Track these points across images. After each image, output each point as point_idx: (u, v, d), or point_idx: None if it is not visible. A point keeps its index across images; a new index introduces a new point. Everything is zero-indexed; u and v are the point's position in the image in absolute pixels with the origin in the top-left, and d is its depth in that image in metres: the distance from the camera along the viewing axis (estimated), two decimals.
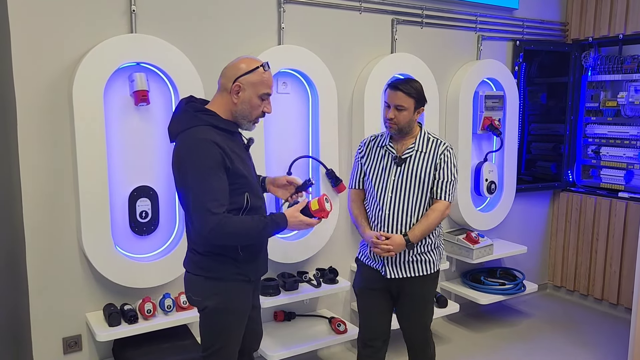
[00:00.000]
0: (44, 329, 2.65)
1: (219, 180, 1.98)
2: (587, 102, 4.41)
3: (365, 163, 2.60)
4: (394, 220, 2.49)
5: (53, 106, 2.55)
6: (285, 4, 3.09)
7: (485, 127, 3.88)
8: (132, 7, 2.65)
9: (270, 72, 2.11)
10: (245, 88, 2.04)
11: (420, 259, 2.53)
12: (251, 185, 2.12)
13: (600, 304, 4.36)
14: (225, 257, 2.11)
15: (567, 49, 4.39)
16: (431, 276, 2.57)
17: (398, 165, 2.49)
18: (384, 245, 2.43)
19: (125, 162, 2.71)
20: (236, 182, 2.04)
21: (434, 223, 2.47)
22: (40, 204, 2.57)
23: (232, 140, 2.09)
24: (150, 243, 2.82)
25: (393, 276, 2.52)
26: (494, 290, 3.89)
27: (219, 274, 2.13)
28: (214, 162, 1.96)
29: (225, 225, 1.95)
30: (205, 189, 1.95)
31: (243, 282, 2.17)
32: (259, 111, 2.10)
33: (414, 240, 2.45)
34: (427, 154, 2.49)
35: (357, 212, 2.64)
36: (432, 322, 2.68)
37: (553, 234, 4.66)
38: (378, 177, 2.54)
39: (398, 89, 2.43)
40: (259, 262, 2.24)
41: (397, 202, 2.48)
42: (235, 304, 2.17)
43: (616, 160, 4.22)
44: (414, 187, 2.47)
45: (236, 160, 2.04)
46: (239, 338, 2.23)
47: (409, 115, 2.44)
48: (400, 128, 2.46)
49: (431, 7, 3.68)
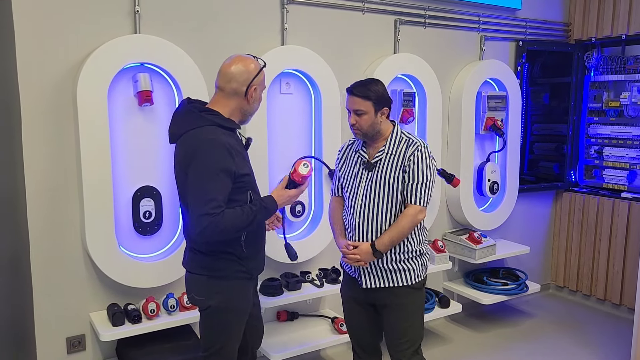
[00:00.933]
0: (47, 329, 2.65)
1: (223, 183, 2.01)
2: (589, 103, 4.41)
3: (341, 169, 2.49)
4: (364, 228, 2.35)
5: (57, 106, 2.55)
6: (288, 5, 3.10)
7: (487, 127, 3.88)
8: (136, 8, 2.66)
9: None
10: (257, 88, 2.18)
11: (399, 267, 2.36)
12: (252, 183, 2.20)
13: (603, 304, 4.35)
14: (231, 254, 2.14)
15: (570, 49, 4.39)
16: (413, 287, 2.38)
17: (369, 171, 2.35)
18: (352, 255, 2.32)
19: (128, 162, 2.72)
20: (241, 181, 2.09)
21: (405, 229, 2.30)
22: (44, 204, 2.58)
23: (235, 139, 2.15)
24: (153, 243, 2.83)
25: (369, 286, 2.38)
26: (496, 290, 3.89)
27: (223, 272, 2.16)
28: (222, 165, 2.01)
29: (218, 223, 1.98)
30: (208, 190, 1.98)
31: (245, 280, 2.21)
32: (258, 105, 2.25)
33: (382, 248, 2.29)
34: (396, 156, 2.32)
35: (334, 219, 2.52)
36: (421, 341, 2.45)
37: (556, 234, 4.66)
38: (350, 183, 2.42)
39: (352, 94, 2.31)
40: (259, 259, 2.30)
41: (367, 209, 2.34)
42: (238, 302, 2.20)
43: (619, 160, 4.22)
44: (384, 192, 2.32)
45: (239, 159, 2.08)
46: (239, 335, 2.27)
47: (370, 118, 2.30)
48: (364, 133, 2.33)
49: (434, 7, 3.68)
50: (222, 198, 2.00)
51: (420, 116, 3.62)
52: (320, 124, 3.22)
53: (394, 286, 2.37)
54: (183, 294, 2.80)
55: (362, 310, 2.49)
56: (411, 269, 2.38)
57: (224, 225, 1.99)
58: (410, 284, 2.37)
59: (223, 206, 2.00)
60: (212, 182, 1.99)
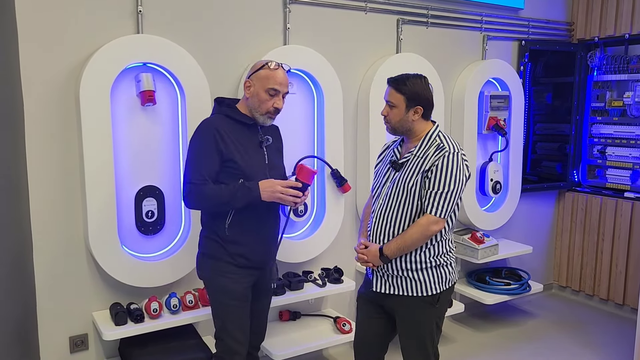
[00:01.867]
0: (50, 328, 2.66)
1: (208, 158, 2.23)
2: (592, 102, 4.40)
3: (376, 167, 2.45)
4: (379, 230, 2.28)
5: (60, 106, 2.56)
6: (290, 5, 3.10)
7: (490, 127, 3.88)
8: (139, 8, 2.66)
9: (279, 71, 2.31)
10: (255, 83, 2.30)
11: (412, 277, 2.22)
12: (247, 173, 2.27)
13: (606, 304, 4.35)
14: (215, 235, 2.33)
15: (573, 48, 4.38)
16: (426, 300, 2.24)
17: (395, 171, 2.28)
18: (361, 255, 2.28)
19: (131, 162, 2.72)
20: (229, 166, 2.25)
21: (412, 238, 2.16)
22: (47, 203, 2.58)
23: (244, 132, 2.32)
24: (156, 242, 2.84)
25: (379, 289, 2.30)
26: (499, 290, 3.88)
27: (210, 251, 2.36)
28: (207, 142, 2.23)
29: (199, 192, 2.21)
30: (194, 165, 2.25)
31: (231, 265, 2.32)
32: (268, 105, 2.30)
33: (389, 253, 2.19)
34: (422, 159, 2.20)
35: (364, 216, 2.50)
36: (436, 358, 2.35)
37: (558, 234, 4.65)
38: (378, 181, 2.37)
39: (389, 84, 2.26)
40: (249, 247, 2.33)
41: (385, 210, 2.26)
42: (225, 283, 2.33)
43: (622, 160, 4.21)
44: (403, 195, 2.21)
45: (233, 147, 2.25)
46: (239, 319, 2.35)
47: (400, 113, 2.22)
48: (392, 127, 2.26)
49: (436, 7, 3.68)
50: (207, 172, 2.22)
51: None
52: (322, 124, 3.22)
53: (405, 295, 2.24)
54: (186, 293, 2.82)
55: (375, 315, 2.40)
56: (424, 280, 2.22)
57: (204, 195, 2.21)
58: (421, 295, 2.23)
59: (208, 180, 2.22)
60: (199, 155, 2.25)
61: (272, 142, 2.41)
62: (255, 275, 2.40)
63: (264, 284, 2.49)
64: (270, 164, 2.37)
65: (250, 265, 2.35)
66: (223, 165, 2.25)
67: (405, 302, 2.26)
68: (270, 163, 2.37)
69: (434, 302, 2.26)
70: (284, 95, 2.34)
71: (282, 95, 2.33)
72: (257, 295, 2.46)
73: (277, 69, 2.30)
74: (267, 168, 2.34)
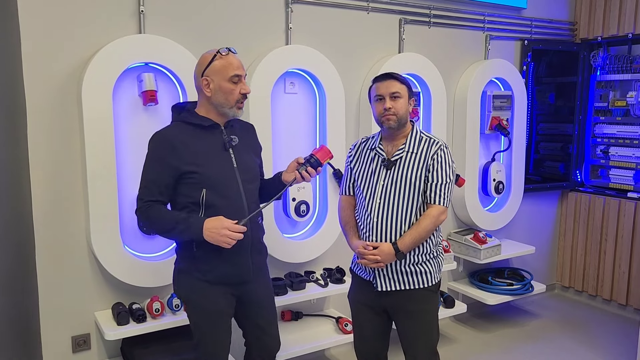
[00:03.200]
0: (53, 328, 2.67)
1: (156, 172, 2.11)
2: (595, 102, 4.39)
3: (355, 167, 2.42)
4: (384, 228, 2.28)
5: (62, 106, 2.56)
6: (292, 4, 3.10)
7: (493, 127, 3.87)
8: (141, 8, 2.67)
9: (232, 55, 2.16)
10: (213, 79, 2.12)
11: (417, 269, 2.30)
12: (210, 181, 2.11)
13: (609, 304, 4.33)
14: (185, 251, 2.21)
15: (576, 48, 4.37)
16: (431, 289, 2.33)
17: (387, 169, 2.29)
18: (371, 256, 2.23)
19: (133, 161, 2.72)
20: (189, 177, 2.10)
21: (427, 230, 2.24)
22: (49, 203, 2.58)
23: (205, 137, 2.15)
24: (158, 243, 2.84)
25: (385, 288, 2.30)
26: (501, 290, 3.87)
27: (182, 265, 2.25)
28: (157, 155, 2.11)
29: (144, 211, 2.09)
30: (143, 178, 2.14)
31: (201, 281, 2.19)
32: (235, 94, 2.14)
33: (404, 249, 2.23)
34: (419, 154, 2.28)
35: (345, 220, 2.45)
36: (437, 343, 2.41)
37: (561, 234, 4.64)
38: (367, 182, 2.35)
39: (391, 77, 2.29)
40: (219, 267, 2.17)
41: (386, 209, 2.27)
42: (198, 299, 2.22)
43: (625, 160, 4.20)
44: (405, 191, 2.26)
45: (189, 156, 2.09)
46: (214, 336, 2.24)
47: (405, 104, 2.28)
48: (399, 119, 2.27)
49: (439, 6, 3.67)
50: (157, 188, 2.10)
51: (425, 116, 3.61)
52: (324, 124, 3.21)
53: (411, 289, 2.30)
54: None
55: (374, 317, 2.41)
56: (428, 270, 2.32)
57: (147, 215, 2.10)
58: (428, 285, 2.32)
59: (155, 197, 2.09)
60: (148, 171, 2.13)
61: (242, 142, 2.23)
62: (235, 290, 2.25)
63: (254, 298, 2.31)
64: (240, 166, 2.19)
65: (222, 282, 2.20)
66: (180, 178, 2.10)
67: (412, 295, 2.31)
68: (241, 166, 2.20)
69: (435, 291, 2.37)
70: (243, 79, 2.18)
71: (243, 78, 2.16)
72: (248, 309, 2.33)
73: (229, 54, 2.14)
74: (237, 171, 2.18)
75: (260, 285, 2.33)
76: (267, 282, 2.41)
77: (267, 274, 2.42)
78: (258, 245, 2.29)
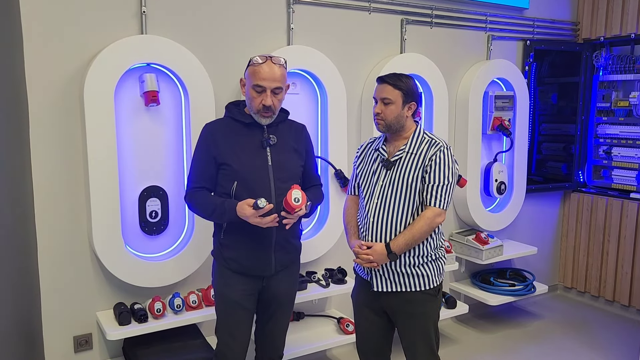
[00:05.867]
0: (55, 328, 2.67)
1: (200, 162, 2.30)
2: (598, 102, 4.38)
3: (359, 167, 2.44)
4: (379, 229, 2.28)
5: (64, 107, 2.57)
6: (294, 5, 3.10)
7: (495, 127, 3.86)
8: (143, 9, 2.67)
9: (265, 65, 2.20)
10: (245, 82, 2.28)
11: (414, 272, 2.27)
12: (240, 175, 2.23)
13: (611, 305, 4.32)
14: (215, 237, 2.38)
15: (578, 48, 4.36)
16: (429, 293, 2.30)
17: (387, 169, 2.29)
18: (364, 255, 2.24)
19: (135, 162, 2.73)
20: (223, 169, 2.26)
21: (421, 232, 2.21)
22: (51, 203, 2.59)
23: (244, 133, 2.27)
24: (160, 243, 2.84)
25: (380, 289, 2.30)
26: (503, 291, 3.87)
27: (214, 251, 2.40)
28: (201, 147, 2.30)
29: (191, 196, 2.29)
30: (191, 166, 2.34)
31: (225, 269, 2.33)
32: (256, 103, 2.22)
33: (397, 250, 2.21)
34: (417, 155, 2.26)
35: (347, 219, 2.46)
36: (438, 348, 2.39)
37: (564, 234, 4.63)
38: (367, 181, 2.36)
39: (384, 81, 2.27)
40: (242, 253, 2.28)
41: (383, 209, 2.27)
42: (219, 286, 2.37)
43: (628, 160, 4.18)
44: (402, 192, 2.25)
45: (227, 150, 2.24)
46: (230, 329, 2.34)
47: (397, 110, 2.25)
48: (387, 124, 2.27)
49: (441, 7, 3.67)
50: (200, 176, 2.28)
51: (427, 116, 3.61)
52: (326, 124, 3.22)
53: (407, 291, 2.28)
54: (189, 293, 2.82)
55: (375, 318, 2.41)
56: (426, 274, 2.29)
57: (194, 201, 2.28)
58: (424, 289, 2.29)
59: (202, 184, 2.28)
60: (195, 159, 2.33)
61: (283, 142, 2.30)
62: (256, 285, 2.33)
63: (273, 297, 2.38)
64: (275, 165, 2.26)
65: (243, 272, 2.29)
66: (219, 169, 2.26)
67: (409, 298, 2.30)
68: (276, 164, 2.26)
69: (435, 294, 2.33)
70: (275, 91, 2.21)
71: (270, 92, 2.19)
72: (265, 307, 2.40)
73: (263, 64, 2.18)
74: (271, 169, 2.25)
75: (282, 284, 2.39)
76: (290, 284, 2.46)
77: (292, 276, 2.46)
78: (283, 243, 2.33)
